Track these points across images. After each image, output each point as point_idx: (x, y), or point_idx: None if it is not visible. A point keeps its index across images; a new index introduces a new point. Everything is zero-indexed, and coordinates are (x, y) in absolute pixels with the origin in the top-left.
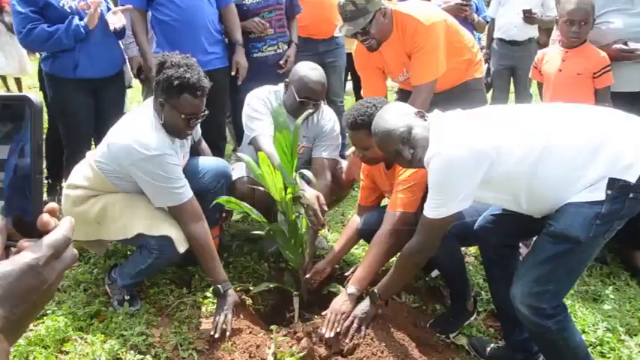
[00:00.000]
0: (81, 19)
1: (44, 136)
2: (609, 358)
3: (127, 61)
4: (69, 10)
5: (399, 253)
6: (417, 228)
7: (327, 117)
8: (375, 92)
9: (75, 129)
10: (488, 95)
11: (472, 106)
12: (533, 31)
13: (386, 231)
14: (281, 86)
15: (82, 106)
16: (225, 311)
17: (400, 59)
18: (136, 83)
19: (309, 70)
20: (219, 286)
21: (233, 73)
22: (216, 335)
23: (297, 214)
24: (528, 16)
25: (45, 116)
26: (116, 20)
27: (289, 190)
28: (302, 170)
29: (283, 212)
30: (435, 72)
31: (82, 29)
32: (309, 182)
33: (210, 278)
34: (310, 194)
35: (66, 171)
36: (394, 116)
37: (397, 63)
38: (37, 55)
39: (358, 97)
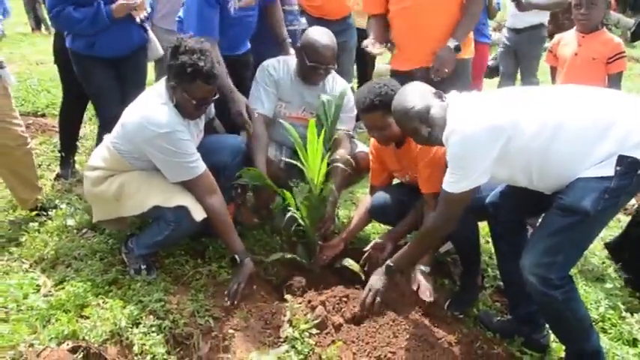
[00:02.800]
0: (105, 3)
1: (58, 111)
2: (610, 333)
3: (151, 37)
4: None
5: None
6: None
7: (341, 88)
8: (375, 2)
9: (103, 98)
10: (495, 80)
11: (453, 88)
12: (534, 18)
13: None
14: (291, 57)
15: (105, 76)
16: (239, 280)
17: None
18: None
19: (320, 35)
20: (236, 256)
21: None
22: (228, 303)
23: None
24: (517, 3)
25: (59, 93)
26: (141, 14)
27: (324, 161)
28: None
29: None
30: None
31: (106, 19)
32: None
33: (227, 248)
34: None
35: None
36: (413, 95)
37: None
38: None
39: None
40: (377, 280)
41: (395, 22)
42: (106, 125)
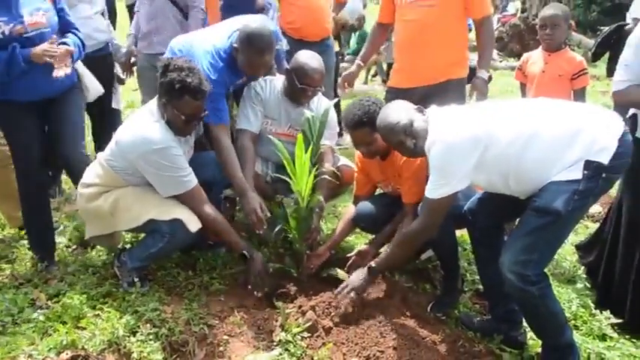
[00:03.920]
0: (22, 45)
1: None
2: (582, 330)
3: (84, 75)
4: (1, 36)
5: (401, 233)
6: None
7: (324, 106)
8: (386, 13)
9: (18, 148)
10: None
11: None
12: None
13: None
14: (276, 77)
15: (21, 124)
16: (256, 272)
17: None
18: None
19: (309, 59)
20: (245, 252)
21: None
22: (259, 294)
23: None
24: None
25: None
26: (60, 71)
27: (311, 174)
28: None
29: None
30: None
31: (22, 64)
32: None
33: (233, 248)
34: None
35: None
36: (397, 111)
37: None
38: None
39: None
40: (356, 278)
41: (397, 36)
42: (20, 173)
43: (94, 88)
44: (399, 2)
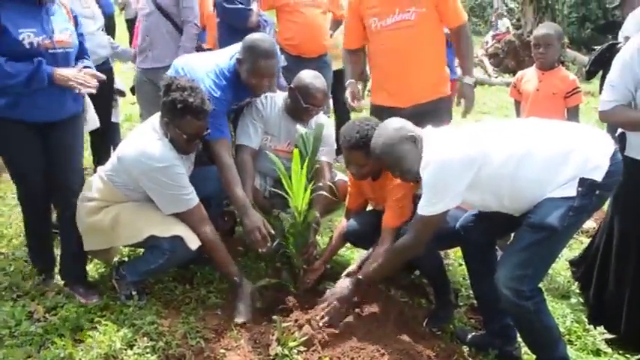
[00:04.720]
0: (45, 61)
1: None
2: (576, 345)
3: (87, 104)
4: (28, 47)
5: (390, 248)
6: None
7: (322, 123)
8: (355, 38)
9: (20, 172)
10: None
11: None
12: None
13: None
14: (274, 95)
15: (25, 146)
16: (244, 300)
17: None
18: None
19: (314, 79)
20: (235, 278)
21: None
22: (243, 321)
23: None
24: None
25: None
26: (85, 89)
27: (308, 190)
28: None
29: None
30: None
31: (45, 80)
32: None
33: (225, 273)
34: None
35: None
36: (390, 132)
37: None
38: None
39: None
40: (342, 287)
41: (377, 60)
42: (23, 202)
43: (92, 120)
44: (374, 27)
